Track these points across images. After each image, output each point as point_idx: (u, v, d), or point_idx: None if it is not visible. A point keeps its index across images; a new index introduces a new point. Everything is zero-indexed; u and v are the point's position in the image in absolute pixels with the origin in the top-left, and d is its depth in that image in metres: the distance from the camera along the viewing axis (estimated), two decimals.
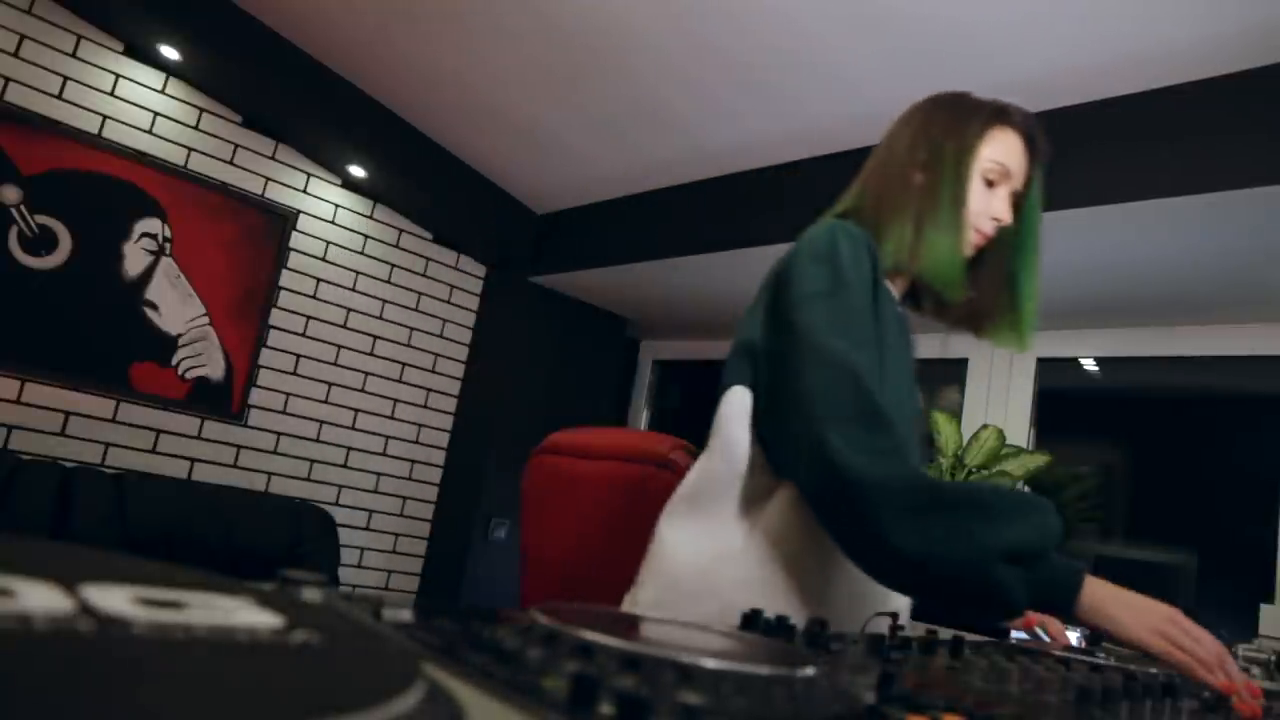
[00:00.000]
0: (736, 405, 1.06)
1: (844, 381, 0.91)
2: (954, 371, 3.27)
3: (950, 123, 1.16)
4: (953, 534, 0.82)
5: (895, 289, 1.19)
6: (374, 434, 3.76)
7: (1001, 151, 1.15)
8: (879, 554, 0.86)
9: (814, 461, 0.89)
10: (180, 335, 3.24)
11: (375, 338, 3.77)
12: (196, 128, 3.28)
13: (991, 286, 1.21)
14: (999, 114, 1.17)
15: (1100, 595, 0.86)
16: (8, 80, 2.88)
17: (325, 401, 3.62)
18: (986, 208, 1.14)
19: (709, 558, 1.02)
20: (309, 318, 3.58)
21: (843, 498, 0.86)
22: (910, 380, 1.15)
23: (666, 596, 1.02)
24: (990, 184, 1.15)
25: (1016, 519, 0.86)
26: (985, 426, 2.66)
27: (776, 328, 1.03)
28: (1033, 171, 1.20)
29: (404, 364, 3.86)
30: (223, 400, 3.34)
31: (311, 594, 0.35)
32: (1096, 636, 0.99)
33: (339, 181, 3.66)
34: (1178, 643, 0.82)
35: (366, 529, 3.75)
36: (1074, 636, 1.30)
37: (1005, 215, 1.15)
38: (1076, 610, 0.86)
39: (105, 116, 3.08)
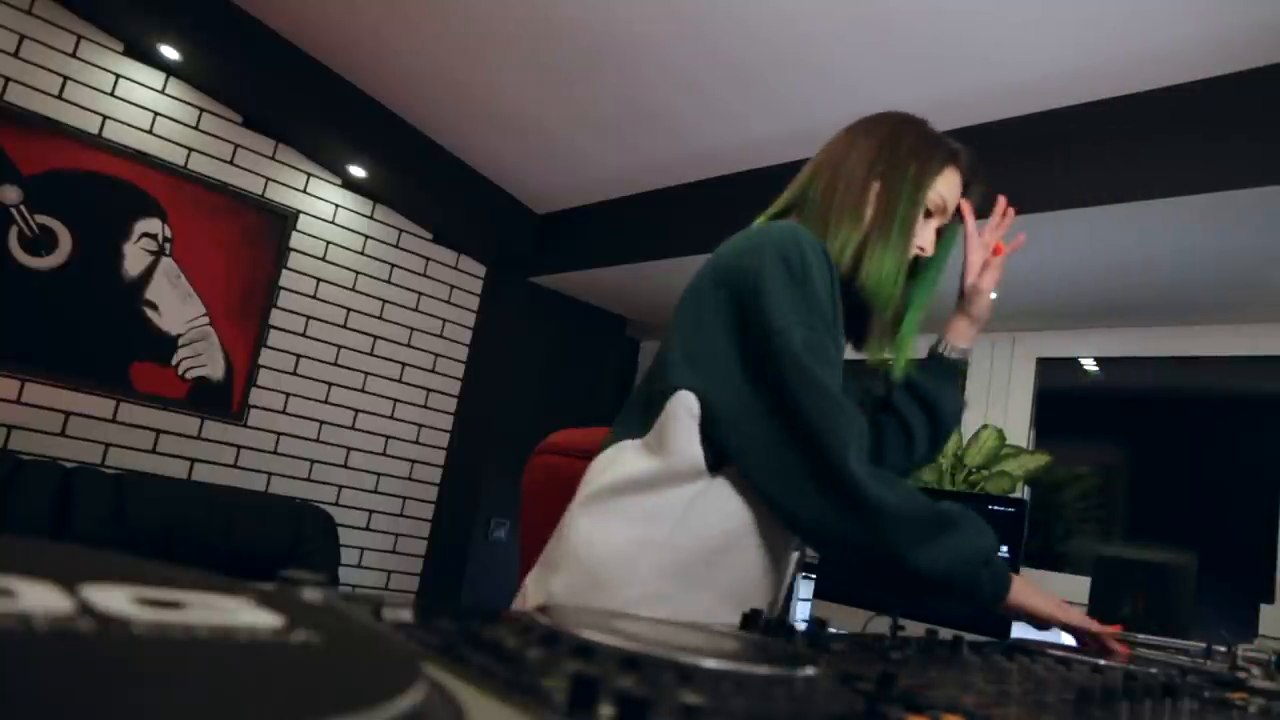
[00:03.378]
0: (683, 411, 1.07)
1: (847, 416, 0.99)
2: None
3: (916, 146, 1.22)
4: (956, 551, 0.98)
5: None
6: (374, 434, 3.76)
7: (946, 188, 1.22)
8: (899, 572, 0.98)
9: (838, 493, 0.97)
10: (180, 335, 3.24)
11: (375, 338, 3.77)
12: (196, 128, 3.29)
13: None
14: (954, 155, 1.24)
15: (1020, 585, 1.04)
16: (8, 80, 2.88)
17: (325, 401, 3.62)
18: (920, 236, 1.21)
19: (633, 546, 1.05)
20: (309, 318, 3.58)
21: (870, 527, 0.96)
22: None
23: (584, 582, 1.04)
24: (928, 214, 1.22)
25: (984, 531, 1.03)
26: (985, 426, 2.65)
27: (752, 347, 1.05)
28: (954, 217, 1.27)
29: (404, 364, 3.86)
30: (223, 400, 3.34)
31: (311, 594, 0.35)
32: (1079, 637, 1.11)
33: (339, 181, 3.67)
34: (1072, 615, 1.06)
35: (366, 529, 3.75)
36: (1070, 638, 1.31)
37: (930, 248, 1.23)
38: (1009, 598, 1.03)
39: (105, 116, 3.08)
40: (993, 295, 1.33)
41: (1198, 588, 2.76)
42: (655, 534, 1.05)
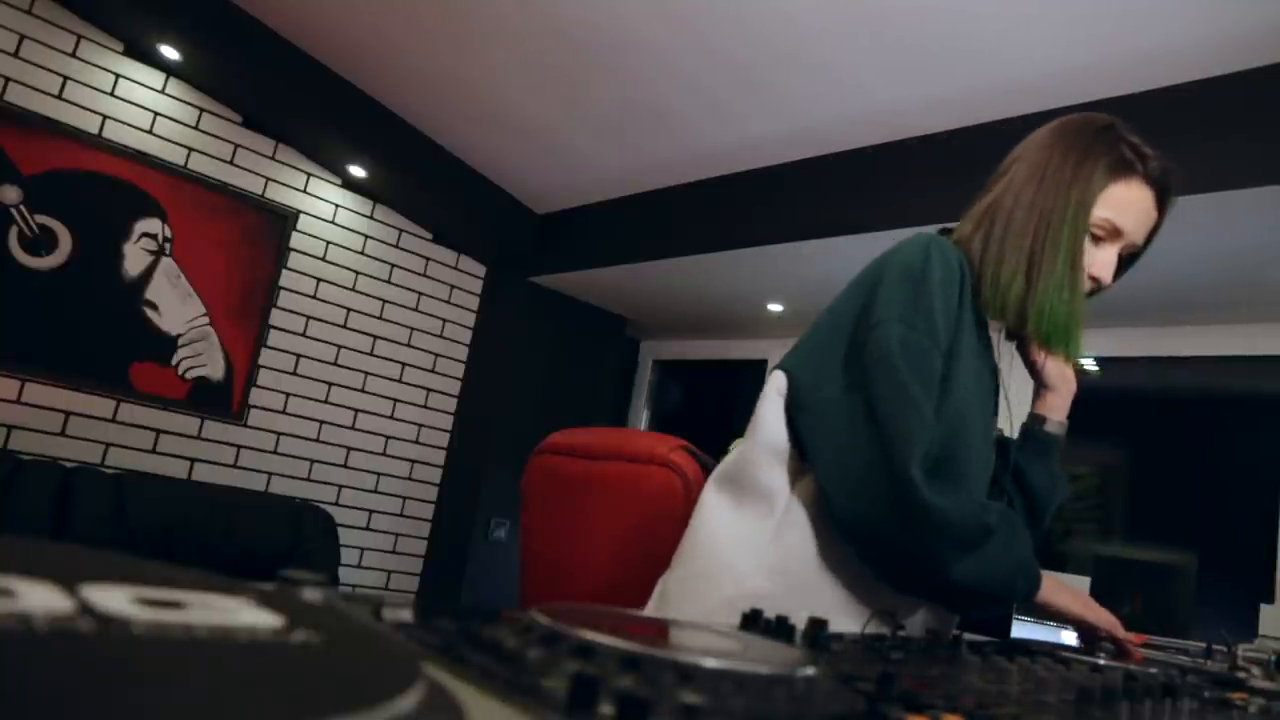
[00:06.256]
0: (773, 390, 1.05)
1: (920, 419, 0.94)
2: None
3: (1076, 167, 1.09)
4: (995, 563, 0.96)
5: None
6: (374, 434, 3.76)
7: (1115, 209, 1.09)
8: (935, 581, 0.95)
9: (891, 492, 0.91)
10: (180, 335, 3.24)
11: (375, 338, 3.77)
12: (196, 128, 3.29)
13: None
14: (1125, 165, 1.10)
15: (1049, 584, 1.03)
16: (8, 80, 2.88)
17: (325, 401, 3.62)
18: (1091, 264, 1.10)
19: (734, 540, 1.02)
20: (309, 318, 3.58)
21: (916, 533, 0.92)
22: (983, 395, 1.13)
23: (690, 575, 1.02)
24: (1096, 240, 1.10)
25: (1023, 537, 1.01)
26: None
27: (856, 338, 1.02)
28: (1160, 224, 1.15)
29: (404, 364, 3.87)
30: (223, 400, 3.34)
31: (311, 594, 0.35)
32: (1092, 637, 1.10)
33: (339, 181, 3.67)
34: (1100, 614, 1.06)
35: (366, 529, 3.75)
36: (1071, 637, 1.31)
37: (1105, 275, 1.11)
38: (1038, 597, 1.03)
39: (105, 116, 3.08)
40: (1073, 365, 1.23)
41: (1198, 588, 2.77)
42: (755, 529, 1.02)
